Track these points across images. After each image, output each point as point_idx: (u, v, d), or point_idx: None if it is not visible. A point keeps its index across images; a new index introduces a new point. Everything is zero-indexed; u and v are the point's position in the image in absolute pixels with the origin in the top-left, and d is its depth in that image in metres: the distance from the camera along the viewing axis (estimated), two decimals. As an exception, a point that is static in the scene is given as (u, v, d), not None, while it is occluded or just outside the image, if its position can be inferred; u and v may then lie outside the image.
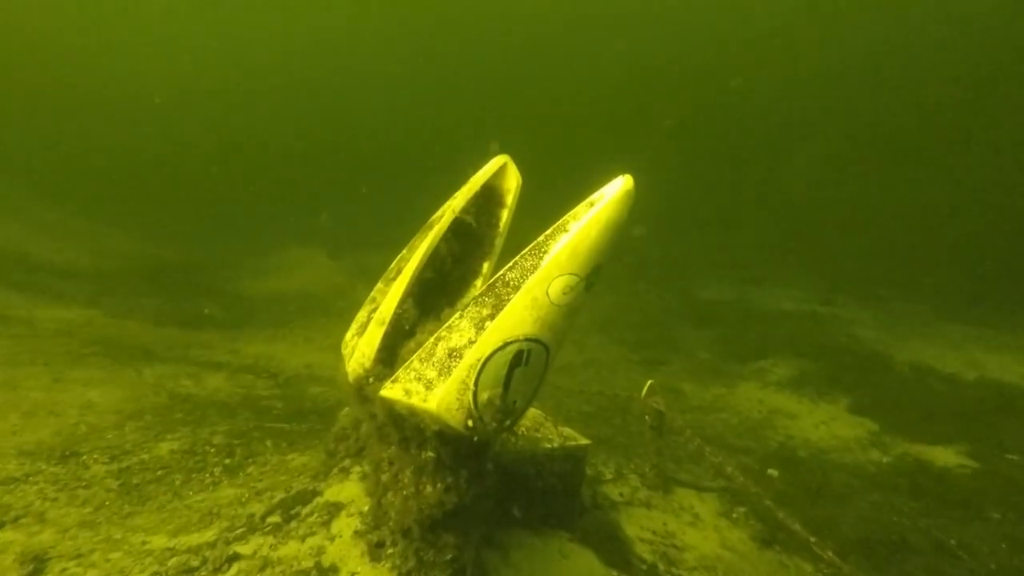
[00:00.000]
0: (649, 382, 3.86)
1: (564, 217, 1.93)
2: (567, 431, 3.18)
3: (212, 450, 3.35)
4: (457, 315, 1.91)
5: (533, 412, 3.27)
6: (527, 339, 1.87)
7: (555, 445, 2.96)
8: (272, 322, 8.35)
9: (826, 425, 5.22)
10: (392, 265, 2.33)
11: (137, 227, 14.08)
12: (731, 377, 7.21)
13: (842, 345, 7.80)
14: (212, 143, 25.60)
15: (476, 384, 1.83)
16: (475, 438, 1.85)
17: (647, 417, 3.86)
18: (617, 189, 1.89)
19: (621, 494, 3.68)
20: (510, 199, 2.49)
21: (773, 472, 4.17)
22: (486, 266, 2.47)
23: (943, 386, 5.76)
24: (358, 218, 17.37)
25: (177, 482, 2.81)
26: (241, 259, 12.72)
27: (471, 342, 1.83)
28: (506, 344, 1.84)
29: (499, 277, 1.91)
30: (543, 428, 3.13)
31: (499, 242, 2.48)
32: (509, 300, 1.84)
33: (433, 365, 1.85)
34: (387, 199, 18.38)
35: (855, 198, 19.61)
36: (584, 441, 3.09)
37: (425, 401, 1.81)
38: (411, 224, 2.48)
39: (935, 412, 5.08)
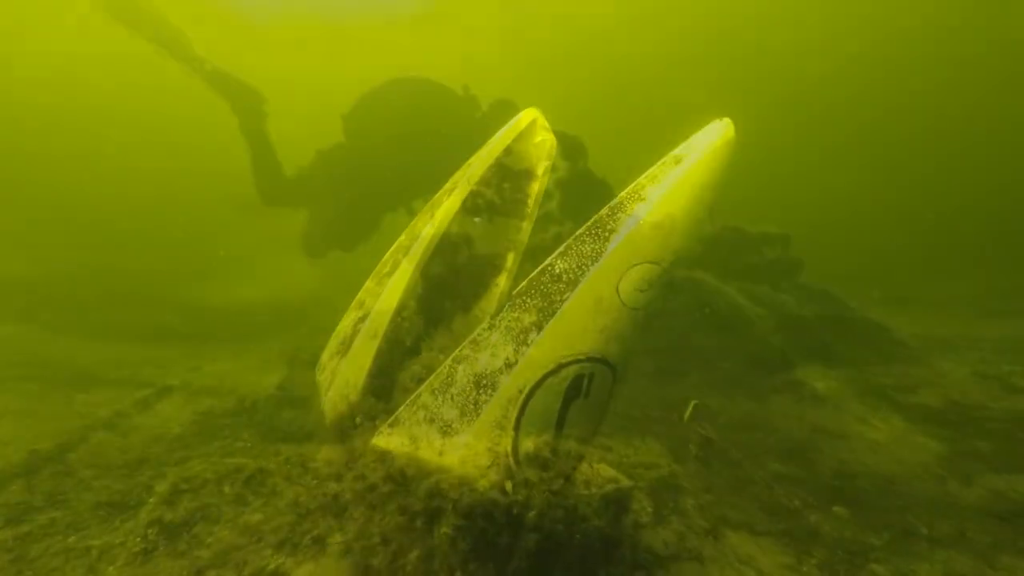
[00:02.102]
0: (693, 402, 3.42)
1: (638, 180, 1.40)
2: (604, 469, 2.65)
3: (150, 502, 2.76)
4: (485, 325, 1.36)
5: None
6: (590, 358, 1.33)
7: (592, 491, 2.42)
8: (240, 335, 7.77)
9: (885, 448, 4.72)
10: (386, 256, 1.77)
11: (85, 232, 13.35)
12: (760, 389, 6.71)
13: (881, 352, 7.35)
14: (174, 137, 24.75)
15: (517, 428, 1.29)
16: (514, 509, 1.31)
17: (691, 446, 3.39)
18: (713, 139, 1.37)
19: (665, 543, 3.14)
20: (542, 168, 1.95)
21: (840, 510, 3.66)
22: (511, 258, 1.93)
23: (1019, 400, 5.31)
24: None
25: (94, 553, 2.22)
26: (206, 266, 12.06)
27: (509, 364, 1.29)
28: (560, 367, 1.30)
29: (545, 269, 1.37)
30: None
31: (527, 225, 1.94)
32: (563, 302, 1.30)
33: (452, 399, 1.31)
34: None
35: (865, 196, 19.46)
36: (627, 483, 2.56)
37: (441, 455, 1.26)
38: (402, 224, 1.94)
39: (1017, 432, 4.62)
